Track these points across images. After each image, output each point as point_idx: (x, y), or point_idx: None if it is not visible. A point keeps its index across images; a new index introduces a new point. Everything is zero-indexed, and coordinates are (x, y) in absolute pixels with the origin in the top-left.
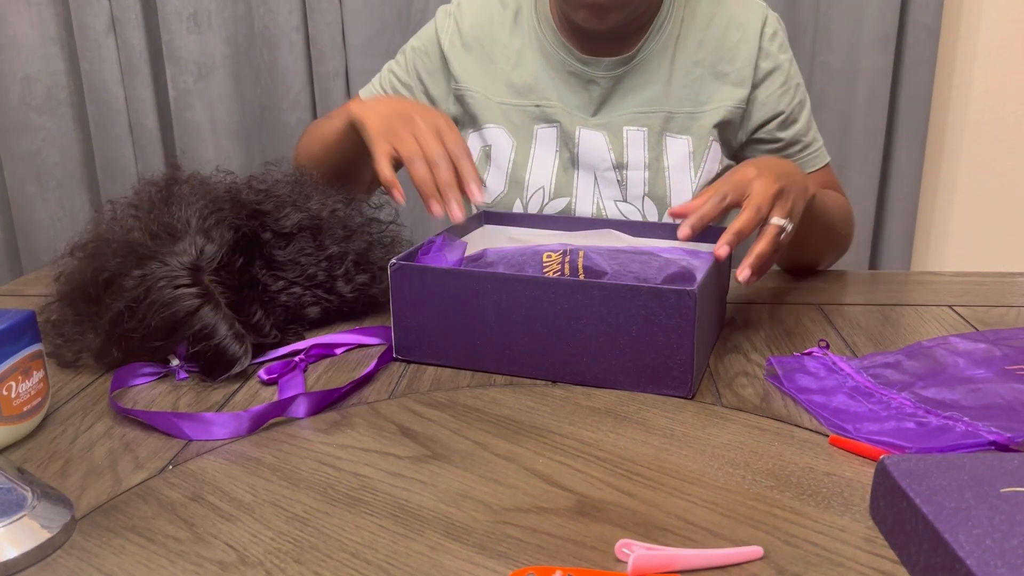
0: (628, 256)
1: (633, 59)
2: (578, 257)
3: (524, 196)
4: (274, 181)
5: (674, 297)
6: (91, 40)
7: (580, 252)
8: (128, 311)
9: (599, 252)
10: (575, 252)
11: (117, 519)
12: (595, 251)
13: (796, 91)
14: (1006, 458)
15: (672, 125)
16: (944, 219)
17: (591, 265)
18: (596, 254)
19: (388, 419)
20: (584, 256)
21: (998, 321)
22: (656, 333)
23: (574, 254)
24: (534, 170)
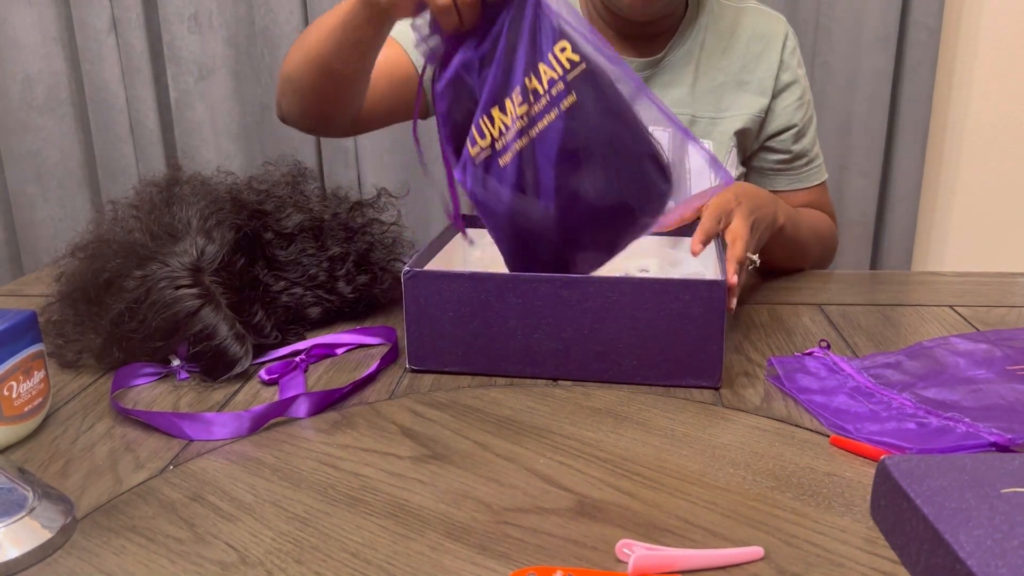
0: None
1: (660, 62)
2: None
3: None
4: (274, 182)
5: (705, 289)
6: (92, 40)
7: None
8: (129, 312)
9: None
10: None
11: (118, 519)
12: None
13: (808, 107)
14: (1007, 459)
15: (695, 129)
16: (945, 219)
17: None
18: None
19: (389, 419)
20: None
21: (999, 321)
22: (687, 325)
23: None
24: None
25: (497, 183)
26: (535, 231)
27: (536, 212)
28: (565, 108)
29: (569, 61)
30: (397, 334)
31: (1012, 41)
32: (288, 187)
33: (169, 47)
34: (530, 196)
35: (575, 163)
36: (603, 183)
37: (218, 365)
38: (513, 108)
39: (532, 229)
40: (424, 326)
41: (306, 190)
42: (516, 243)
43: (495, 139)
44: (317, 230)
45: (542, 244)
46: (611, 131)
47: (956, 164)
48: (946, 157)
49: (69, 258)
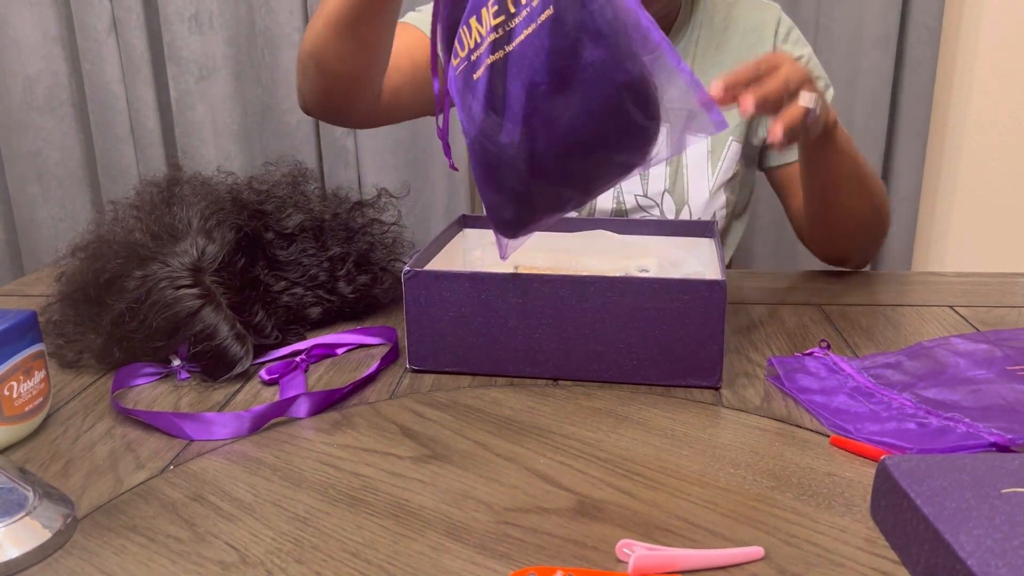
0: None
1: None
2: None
3: None
4: (274, 182)
5: (705, 288)
6: (92, 40)
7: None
8: (129, 312)
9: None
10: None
11: (118, 519)
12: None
13: (818, 73)
14: (1007, 459)
15: (694, 124)
16: (945, 219)
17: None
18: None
19: (389, 419)
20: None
21: (999, 322)
22: (687, 325)
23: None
24: None
25: (471, 99)
26: (503, 157)
27: (503, 135)
28: (541, 22)
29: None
30: (397, 334)
31: (1012, 41)
32: (288, 187)
33: (169, 47)
34: (499, 117)
35: (546, 86)
36: (574, 113)
37: (218, 365)
38: (488, 17)
39: (500, 155)
40: (424, 326)
41: (306, 190)
42: (486, 168)
43: (471, 50)
44: (317, 230)
45: (509, 172)
46: (589, 53)
47: (956, 164)
48: (946, 157)
49: (70, 258)
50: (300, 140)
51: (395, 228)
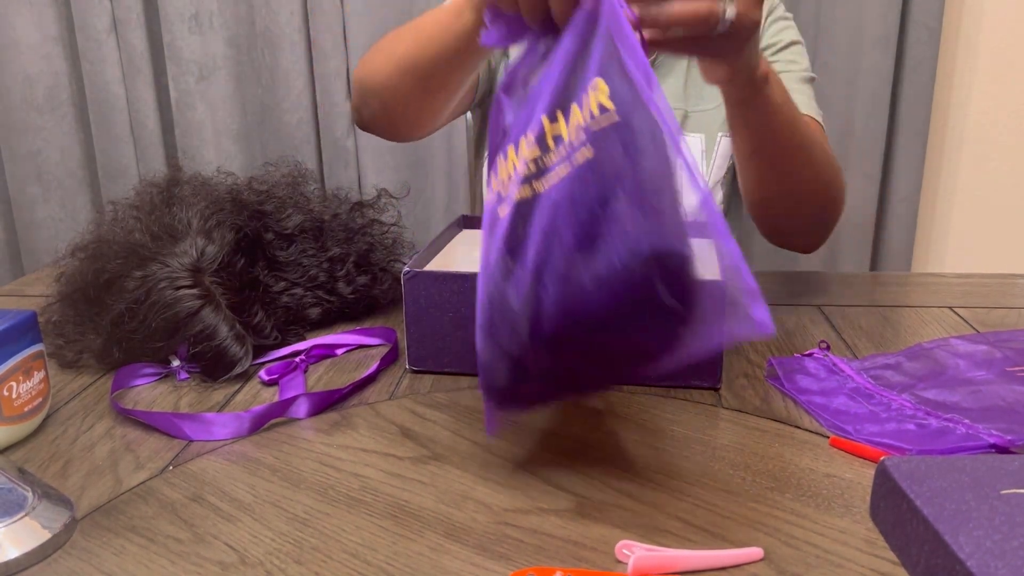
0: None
1: (655, 61)
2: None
3: None
4: (274, 182)
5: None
6: (92, 40)
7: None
8: (129, 312)
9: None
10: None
11: (118, 519)
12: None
13: (789, 65)
14: (1006, 460)
15: (687, 124)
16: (945, 220)
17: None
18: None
19: (389, 420)
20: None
21: (999, 323)
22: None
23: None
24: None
25: (491, 236)
26: (507, 307)
27: (511, 283)
28: (579, 164)
29: (600, 106)
30: (397, 335)
31: (1012, 41)
32: (288, 188)
33: (170, 47)
34: (512, 262)
35: (566, 238)
36: (592, 275)
37: (218, 365)
38: (525, 149)
39: (504, 304)
40: (424, 327)
41: (306, 191)
42: (488, 316)
43: (503, 183)
44: (317, 231)
45: (509, 327)
46: (623, 208)
47: (956, 165)
48: (946, 158)
49: (69, 258)
50: (300, 140)
51: (395, 229)
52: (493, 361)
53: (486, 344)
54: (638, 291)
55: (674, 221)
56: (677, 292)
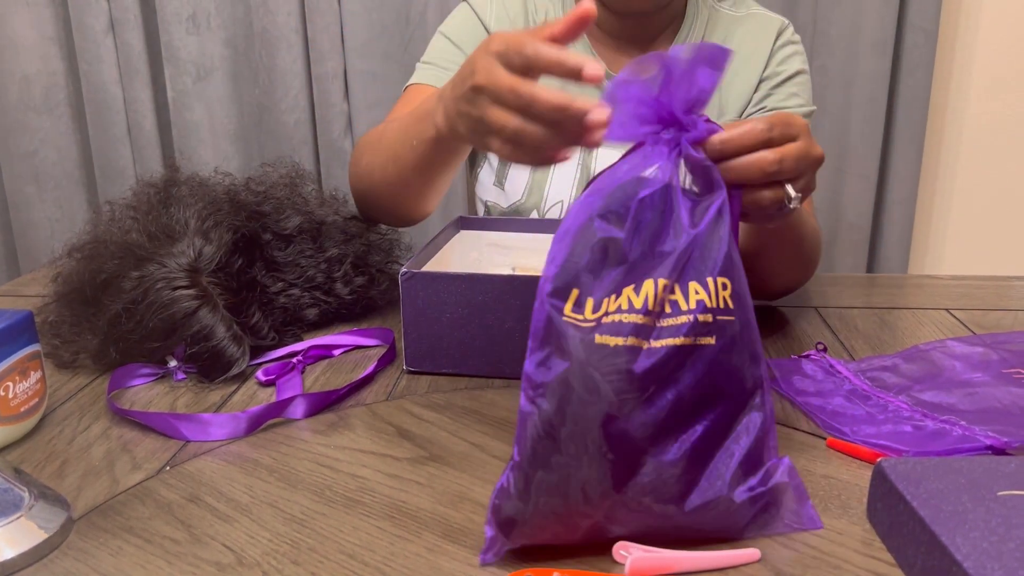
0: None
1: None
2: None
3: (542, 208)
4: (272, 183)
5: None
6: (90, 41)
7: None
8: (126, 312)
9: None
10: None
11: (114, 520)
12: None
13: (789, 99)
14: (1003, 461)
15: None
16: (942, 222)
17: None
18: None
19: (386, 420)
20: None
21: (995, 325)
22: None
23: None
24: (554, 182)
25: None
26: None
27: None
28: (699, 344)
29: (725, 303)
30: (394, 335)
31: (1009, 45)
32: (286, 188)
33: (167, 48)
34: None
35: (666, 419)
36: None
37: (215, 366)
38: (652, 298)
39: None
40: (421, 327)
41: (304, 192)
42: (547, 433)
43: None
44: (315, 232)
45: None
46: (707, 412)
47: (953, 168)
48: (943, 160)
49: (66, 259)
50: (297, 141)
51: (392, 234)
52: (545, 498)
53: (540, 471)
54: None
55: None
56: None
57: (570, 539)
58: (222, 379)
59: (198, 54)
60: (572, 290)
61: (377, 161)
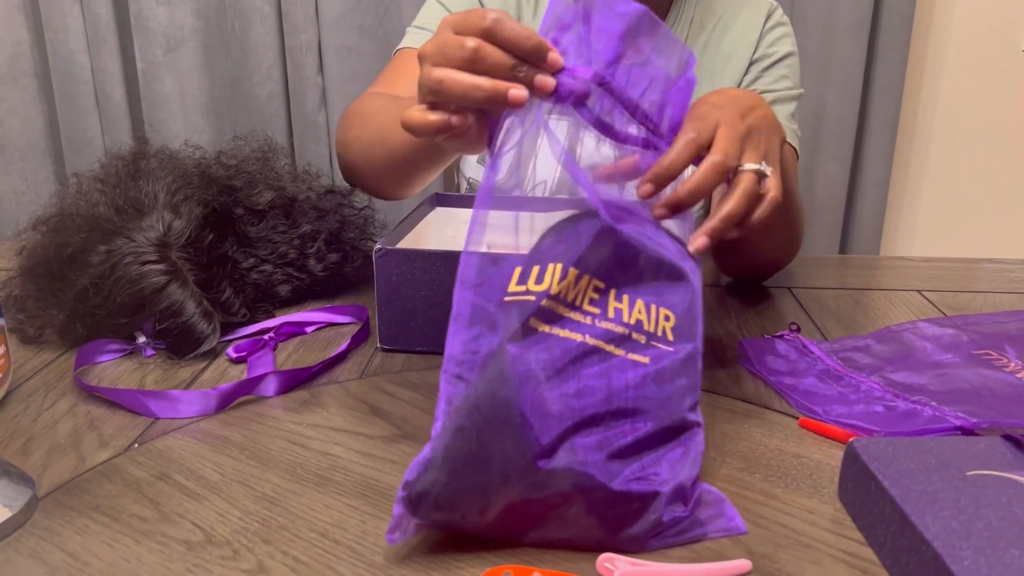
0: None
1: None
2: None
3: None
4: (243, 157)
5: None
6: (56, 9)
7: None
8: (93, 287)
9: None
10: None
11: (80, 498)
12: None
13: (778, 81)
14: (972, 441)
15: None
16: (914, 204)
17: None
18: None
19: (359, 398)
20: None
21: (965, 306)
22: None
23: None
24: (539, 164)
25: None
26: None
27: (548, 391)
28: (631, 359)
29: (664, 333)
30: (368, 313)
31: (983, 28)
32: (258, 163)
33: (136, 17)
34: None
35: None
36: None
37: (185, 342)
38: (583, 294)
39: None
40: (396, 305)
41: (277, 166)
42: (476, 411)
43: (560, 298)
44: (288, 207)
45: (507, 440)
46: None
47: (926, 150)
48: (916, 143)
49: (31, 232)
50: (270, 115)
51: (367, 211)
52: (463, 468)
53: (460, 443)
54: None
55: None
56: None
57: (482, 522)
58: (192, 356)
59: (168, 24)
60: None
61: (364, 138)
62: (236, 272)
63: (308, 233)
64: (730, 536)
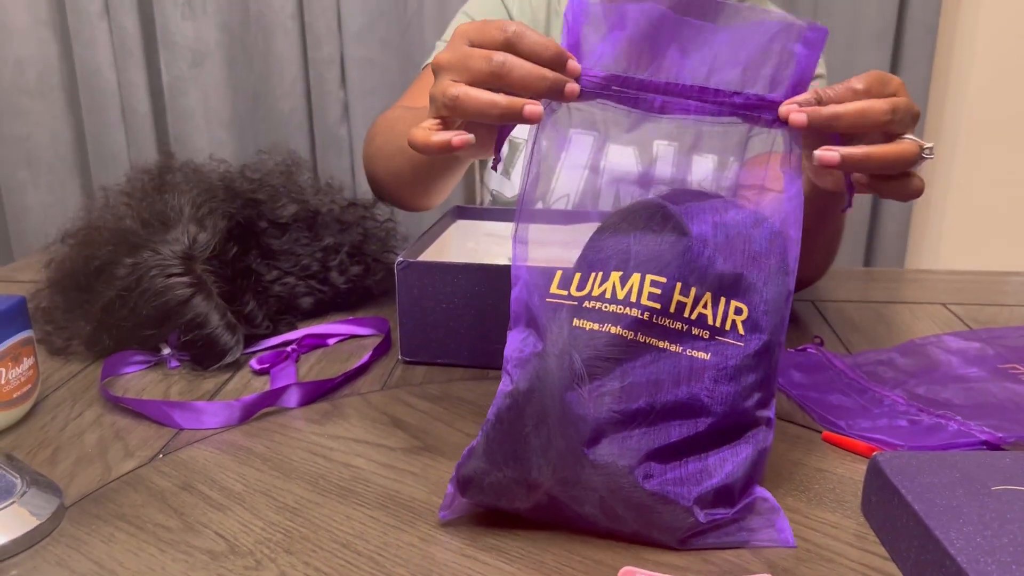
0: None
1: None
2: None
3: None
4: (267, 171)
5: None
6: (84, 24)
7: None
8: (119, 299)
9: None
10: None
11: (106, 507)
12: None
13: None
14: (997, 456)
15: (702, 143)
16: (939, 217)
17: None
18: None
19: (380, 410)
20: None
21: (991, 320)
22: None
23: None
24: (562, 177)
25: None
26: (565, 410)
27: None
28: (690, 355)
29: (734, 327)
30: (390, 325)
31: (1009, 39)
32: (282, 176)
33: (162, 31)
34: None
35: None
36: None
37: (209, 354)
38: (637, 290)
39: (563, 404)
40: (417, 317)
41: (300, 180)
42: (520, 402)
43: (594, 298)
44: (311, 220)
45: (551, 431)
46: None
47: (951, 162)
48: (941, 155)
49: (59, 244)
50: (293, 128)
51: (389, 223)
52: (503, 459)
53: (500, 434)
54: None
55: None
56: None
57: (523, 507)
58: (216, 367)
59: (194, 39)
60: (556, 271)
61: (386, 149)
62: (259, 285)
63: (331, 246)
64: (774, 547)
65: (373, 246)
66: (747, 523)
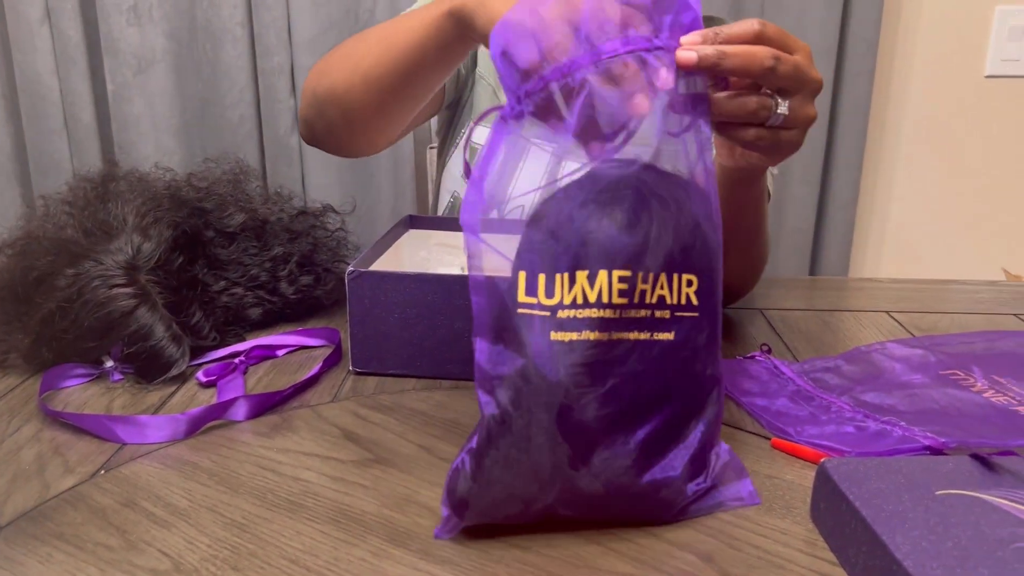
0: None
1: None
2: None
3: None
4: (215, 179)
5: None
6: (24, 30)
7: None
8: (60, 311)
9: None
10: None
11: (44, 526)
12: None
13: None
14: (940, 461)
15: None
16: (882, 227)
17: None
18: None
19: (331, 423)
20: None
21: (932, 327)
22: None
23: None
24: (518, 188)
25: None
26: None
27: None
28: (656, 339)
29: (688, 299)
30: (340, 336)
31: (946, 54)
32: (230, 185)
33: (106, 38)
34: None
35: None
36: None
37: (153, 367)
38: (607, 289)
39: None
40: (368, 328)
41: (248, 189)
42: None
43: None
44: (259, 230)
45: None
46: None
47: (892, 173)
48: (883, 166)
49: None
50: (242, 137)
51: (339, 233)
52: (496, 480)
53: (496, 459)
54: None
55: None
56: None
57: (522, 519)
58: (161, 380)
59: (139, 46)
60: (518, 272)
61: (356, 55)
62: (206, 295)
63: (280, 255)
64: (740, 506)
65: (323, 255)
66: (718, 491)
